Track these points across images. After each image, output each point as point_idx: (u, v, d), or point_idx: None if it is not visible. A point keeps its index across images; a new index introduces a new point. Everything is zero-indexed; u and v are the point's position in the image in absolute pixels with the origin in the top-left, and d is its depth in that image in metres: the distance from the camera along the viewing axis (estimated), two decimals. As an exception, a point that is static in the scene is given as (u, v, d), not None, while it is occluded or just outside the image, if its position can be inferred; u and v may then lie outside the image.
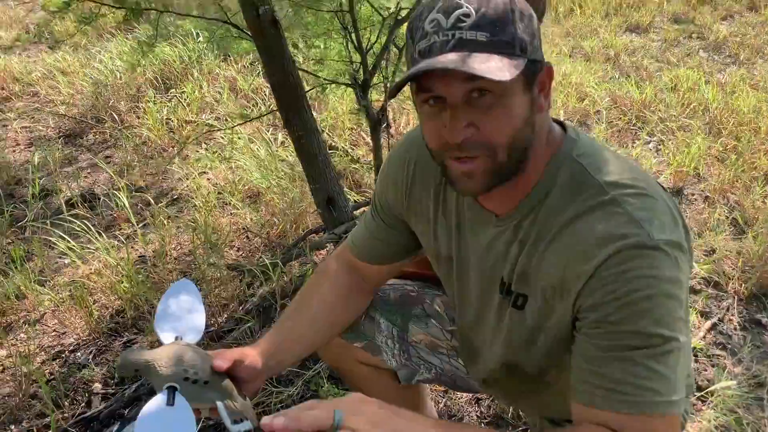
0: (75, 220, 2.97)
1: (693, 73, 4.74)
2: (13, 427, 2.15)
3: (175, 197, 3.50)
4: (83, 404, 2.23)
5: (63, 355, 2.45)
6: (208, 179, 3.62)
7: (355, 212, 2.77)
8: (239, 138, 3.76)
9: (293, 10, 2.69)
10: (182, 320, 1.31)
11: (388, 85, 2.85)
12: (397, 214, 1.35)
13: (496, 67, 0.90)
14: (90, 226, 2.97)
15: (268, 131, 3.88)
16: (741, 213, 3.10)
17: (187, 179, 3.53)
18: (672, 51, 5.49)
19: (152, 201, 3.33)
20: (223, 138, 3.80)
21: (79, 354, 2.45)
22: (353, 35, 2.63)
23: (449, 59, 0.91)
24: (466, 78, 0.92)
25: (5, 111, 4.75)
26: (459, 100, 0.96)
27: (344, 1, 2.64)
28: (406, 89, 1.03)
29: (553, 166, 1.07)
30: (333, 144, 3.76)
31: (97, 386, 2.30)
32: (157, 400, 1.11)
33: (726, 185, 3.31)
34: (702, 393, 2.15)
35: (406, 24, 2.74)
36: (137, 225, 3.16)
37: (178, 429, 1.09)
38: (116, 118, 4.36)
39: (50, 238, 2.92)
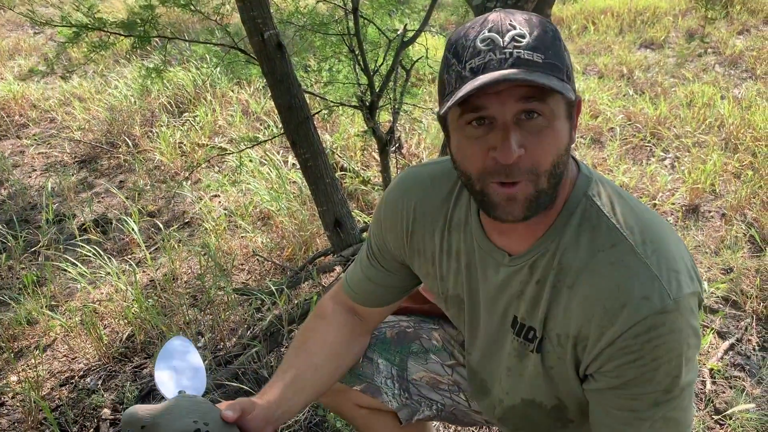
0: (87, 246, 2.99)
1: (708, 89, 4.69)
2: (21, 454, 2.15)
3: (186, 221, 3.52)
4: (92, 430, 2.22)
5: (73, 381, 2.45)
6: (219, 202, 3.63)
7: (363, 234, 2.76)
8: (250, 161, 3.78)
9: (300, 34, 2.71)
10: (183, 374, 1.28)
11: (397, 107, 2.85)
12: (397, 258, 1.31)
13: (561, 86, 0.89)
14: (102, 251, 2.99)
15: (278, 153, 3.90)
16: (759, 230, 3.04)
17: (199, 202, 3.55)
18: (687, 66, 5.45)
19: (163, 225, 3.34)
20: (234, 161, 3.82)
21: (88, 379, 2.44)
22: (360, 58, 2.64)
23: (516, 73, 0.88)
24: (520, 97, 0.91)
25: (22, 137, 4.82)
26: (510, 120, 0.92)
27: (351, 25, 2.65)
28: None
29: (569, 205, 1.05)
30: (344, 165, 3.76)
31: (106, 412, 2.29)
32: None
33: (743, 202, 3.25)
34: (720, 416, 2.09)
35: (411, 46, 2.76)
36: (149, 249, 3.17)
37: None
38: (130, 143, 4.40)
39: (61, 265, 2.94)
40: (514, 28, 0.92)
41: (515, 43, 0.90)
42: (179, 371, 1.27)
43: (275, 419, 1.21)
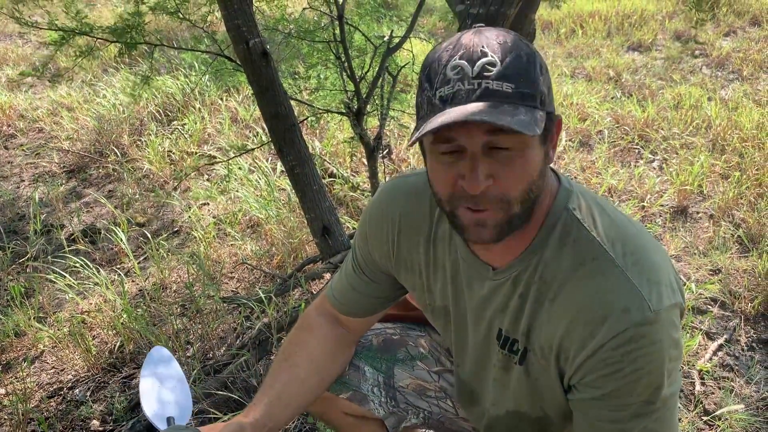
0: (74, 257, 2.97)
1: (696, 91, 4.72)
2: (9, 467, 2.13)
3: (175, 230, 3.51)
4: (80, 442, 2.21)
5: (61, 393, 2.43)
6: (209, 211, 3.62)
7: (351, 241, 2.75)
8: (239, 168, 3.77)
9: (286, 41, 2.71)
10: (170, 399, 1.29)
11: (384, 113, 2.85)
12: (382, 268, 1.31)
13: (525, 121, 0.87)
14: (90, 261, 2.97)
15: (267, 160, 3.89)
16: (746, 231, 3.05)
17: (188, 211, 3.54)
18: (675, 69, 5.47)
19: (152, 235, 3.33)
20: (223, 169, 3.82)
21: (77, 391, 2.43)
22: (346, 64, 2.64)
23: (480, 110, 0.88)
24: (488, 129, 0.90)
25: (10, 148, 4.80)
26: (478, 150, 0.93)
27: (337, 32, 2.65)
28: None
29: (550, 219, 1.05)
30: (333, 171, 3.76)
31: (95, 423, 2.28)
32: None
33: (730, 203, 3.26)
34: (709, 417, 2.10)
35: (399, 52, 2.76)
36: (138, 259, 3.16)
37: None
38: (119, 152, 4.39)
39: (49, 276, 2.92)
40: (486, 55, 0.90)
41: (485, 73, 0.89)
42: (165, 398, 1.28)
43: None
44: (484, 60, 0.90)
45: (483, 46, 0.91)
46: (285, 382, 1.31)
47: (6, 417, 2.30)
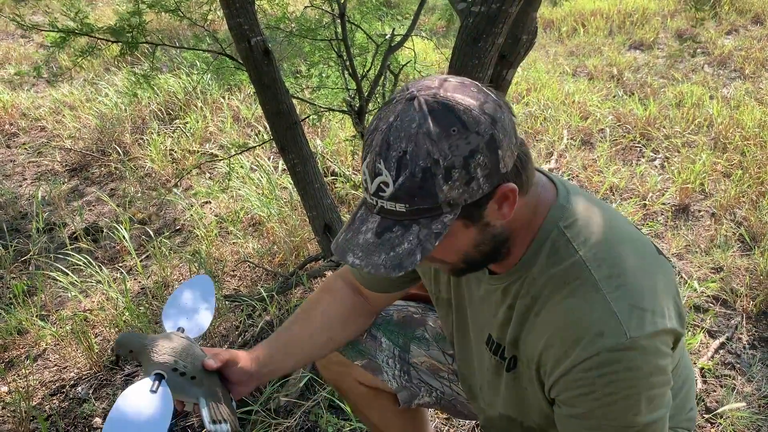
0: (77, 255, 2.98)
1: (698, 89, 4.72)
2: (12, 464, 2.14)
3: (177, 228, 3.51)
4: (83, 440, 2.21)
5: (64, 390, 2.44)
6: (210, 209, 3.62)
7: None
8: (241, 167, 3.77)
9: (288, 39, 2.71)
10: (189, 314, 1.37)
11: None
12: None
13: (404, 252, 0.92)
14: (92, 259, 2.98)
15: (269, 159, 3.90)
16: (748, 229, 3.05)
17: (190, 209, 3.54)
18: (676, 67, 5.47)
19: (154, 233, 3.34)
20: (226, 167, 3.82)
21: (79, 389, 2.43)
22: (348, 63, 2.64)
23: (361, 245, 0.95)
24: None
25: (12, 146, 4.81)
26: None
27: (339, 30, 2.65)
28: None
29: (541, 235, 1.05)
30: (335, 170, 3.76)
31: (97, 421, 2.29)
32: (142, 384, 1.16)
33: (732, 201, 3.26)
34: (710, 415, 2.10)
35: (400, 50, 2.76)
36: (140, 257, 3.17)
37: (154, 416, 1.12)
38: (121, 150, 4.39)
39: (51, 274, 2.93)
40: (380, 173, 0.90)
41: (380, 192, 0.91)
42: (187, 310, 1.36)
43: (261, 375, 1.29)
44: (379, 179, 0.90)
45: (381, 161, 0.89)
46: (294, 332, 1.38)
47: (8, 415, 2.31)
